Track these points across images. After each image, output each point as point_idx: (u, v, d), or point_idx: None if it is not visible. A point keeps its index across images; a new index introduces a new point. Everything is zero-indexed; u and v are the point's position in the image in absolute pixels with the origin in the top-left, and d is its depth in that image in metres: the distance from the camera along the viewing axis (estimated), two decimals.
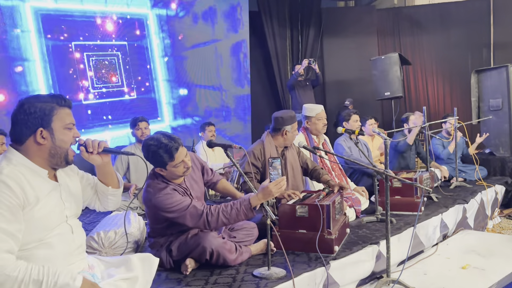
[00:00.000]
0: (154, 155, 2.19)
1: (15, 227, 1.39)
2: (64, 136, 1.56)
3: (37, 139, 1.51)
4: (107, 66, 5.43)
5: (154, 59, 6.02)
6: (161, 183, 2.27)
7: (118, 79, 5.51)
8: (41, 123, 1.51)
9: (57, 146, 1.54)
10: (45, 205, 1.49)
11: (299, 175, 3.25)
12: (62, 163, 1.58)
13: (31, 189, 1.46)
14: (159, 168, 2.25)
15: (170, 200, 2.19)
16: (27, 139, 1.52)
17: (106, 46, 5.41)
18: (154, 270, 1.70)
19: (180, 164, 2.23)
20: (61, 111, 1.56)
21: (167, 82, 6.18)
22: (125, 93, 5.57)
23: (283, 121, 3.12)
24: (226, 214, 2.17)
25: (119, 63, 5.55)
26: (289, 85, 6.66)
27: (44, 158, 1.54)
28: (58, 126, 1.54)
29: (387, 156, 3.09)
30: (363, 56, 7.83)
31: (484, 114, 5.70)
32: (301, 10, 8.05)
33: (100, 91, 5.31)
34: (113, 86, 5.46)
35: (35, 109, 1.51)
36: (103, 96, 5.33)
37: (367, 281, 2.70)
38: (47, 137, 1.52)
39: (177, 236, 2.36)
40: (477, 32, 8.18)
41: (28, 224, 1.44)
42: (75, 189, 1.70)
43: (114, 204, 1.86)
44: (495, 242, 3.51)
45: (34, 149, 1.52)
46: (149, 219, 2.43)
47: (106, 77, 5.40)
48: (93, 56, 5.26)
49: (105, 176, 1.78)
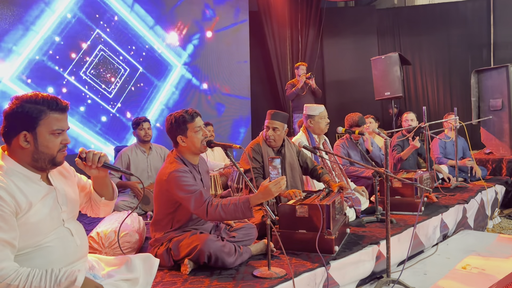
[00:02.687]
0: (176, 119, 2.37)
1: (11, 235, 1.38)
2: (49, 143, 1.49)
3: (20, 142, 1.46)
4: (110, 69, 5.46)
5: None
6: (180, 163, 2.38)
7: (113, 83, 5.52)
8: (26, 126, 1.46)
9: (39, 151, 1.49)
10: (39, 210, 1.47)
11: (298, 174, 3.25)
12: (47, 166, 1.53)
13: (22, 196, 1.43)
14: (180, 136, 2.38)
15: (185, 179, 2.28)
16: (12, 140, 1.48)
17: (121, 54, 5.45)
18: (154, 271, 1.70)
19: (200, 130, 2.39)
20: (50, 116, 1.49)
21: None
22: (112, 91, 5.58)
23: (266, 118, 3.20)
24: (225, 208, 2.20)
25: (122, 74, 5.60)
26: (289, 97, 6.59)
27: (29, 161, 1.50)
28: (43, 131, 1.48)
29: (387, 156, 3.09)
30: (363, 56, 7.83)
31: (484, 114, 5.70)
32: (301, 10, 8.05)
33: (89, 79, 5.31)
34: (104, 82, 5.48)
35: (22, 110, 1.45)
36: (88, 84, 5.32)
37: (367, 281, 2.70)
38: (30, 141, 1.47)
39: (177, 234, 2.37)
40: (477, 32, 8.18)
41: (22, 229, 1.42)
42: (72, 192, 1.67)
43: (105, 213, 1.85)
44: (495, 242, 3.51)
45: (19, 151, 1.48)
46: (156, 205, 2.46)
47: (103, 75, 5.41)
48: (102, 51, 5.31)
49: (101, 187, 1.76)
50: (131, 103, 5.77)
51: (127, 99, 5.72)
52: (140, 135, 4.09)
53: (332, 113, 3.73)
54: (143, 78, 5.90)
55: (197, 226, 2.45)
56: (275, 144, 3.19)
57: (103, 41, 5.42)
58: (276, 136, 3.15)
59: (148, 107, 5.98)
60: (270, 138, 3.15)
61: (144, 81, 5.92)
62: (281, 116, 3.17)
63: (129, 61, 5.72)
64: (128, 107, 5.73)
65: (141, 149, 4.12)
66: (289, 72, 8.06)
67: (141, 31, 5.86)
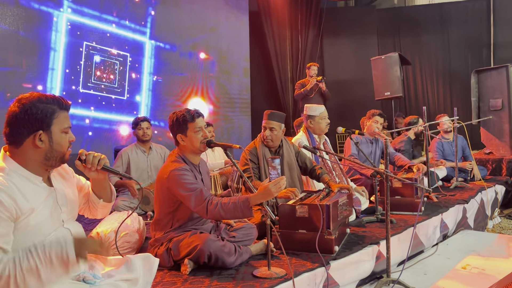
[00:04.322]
0: (178, 118, 2.40)
1: (4, 239, 1.36)
2: (61, 140, 1.54)
3: (35, 142, 1.48)
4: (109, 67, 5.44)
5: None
6: (181, 162, 2.40)
7: (114, 80, 5.51)
8: (41, 126, 1.48)
9: (54, 150, 1.52)
10: (40, 212, 1.47)
11: (297, 174, 3.25)
12: (56, 164, 1.56)
13: (24, 199, 1.42)
14: (180, 135, 2.40)
15: (186, 177, 2.30)
16: (24, 141, 1.48)
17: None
18: (154, 271, 1.70)
19: (200, 130, 2.41)
20: (61, 114, 1.54)
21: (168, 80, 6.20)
22: (117, 93, 5.59)
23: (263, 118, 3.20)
24: (225, 207, 2.20)
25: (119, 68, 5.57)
26: (296, 97, 6.61)
27: (39, 161, 1.51)
28: (56, 130, 1.52)
29: (387, 156, 3.09)
30: (363, 56, 7.83)
31: (484, 114, 5.71)
32: (301, 10, 8.05)
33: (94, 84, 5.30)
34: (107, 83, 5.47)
35: (37, 110, 1.47)
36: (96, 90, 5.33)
37: (367, 281, 2.70)
38: (45, 140, 1.49)
39: (177, 234, 2.37)
40: (477, 32, 8.19)
41: (23, 231, 1.42)
42: (71, 193, 1.68)
43: (102, 214, 1.85)
44: (495, 242, 3.51)
45: (30, 152, 1.49)
46: (156, 204, 2.46)
47: (104, 76, 5.40)
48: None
49: (99, 189, 1.76)
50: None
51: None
52: (138, 135, 4.10)
53: (332, 113, 3.73)
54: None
55: (197, 226, 2.45)
56: (273, 144, 3.19)
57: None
58: (274, 136, 3.16)
59: None
60: (267, 138, 3.16)
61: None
62: (278, 116, 3.18)
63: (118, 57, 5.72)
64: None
65: (141, 149, 4.12)
66: (289, 72, 8.06)
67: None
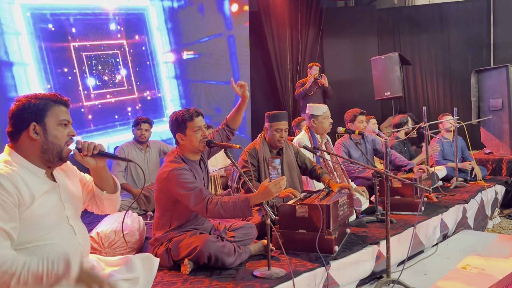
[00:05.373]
0: (177, 117, 2.41)
1: (10, 225, 1.40)
2: (57, 132, 1.57)
3: (30, 134, 1.52)
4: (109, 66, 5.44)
5: (156, 56, 6.03)
6: (180, 161, 2.40)
7: (121, 79, 5.51)
8: (34, 118, 1.53)
9: (49, 142, 1.55)
10: (42, 204, 1.50)
11: (296, 174, 3.25)
12: (55, 159, 1.58)
13: (26, 187, 1.46)
14: (179, 134, 2.41)
15: (185, 176, 2.30)
16: (21, 135, 1.54)
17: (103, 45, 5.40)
18: (155, 271, 1.71)
19: (199, 130, 2.40)
20: (56, 108, 1.58)
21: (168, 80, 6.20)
22: (128, 93, 5.57)
23: (265, 119, 3.23)
24: (224, 206, 2.20)
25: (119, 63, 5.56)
26: (297, 97, 6.61)
27: (37, 154, 1.55)
28: (51, 122, 1.56)
29: (387, 156, 3.09)
30: (363, 56, 7.83)
31: (484, 114, 5.70)
32: (301, 10, 8.05)
33: (102, 91, 5.30)
34: (116, 85, 5.47)
35: (29, 104, 1.54)
36: (106, 97, 5.33)
37: (367, 281, 2.70)
38: (40, 132, 1.54)
39: (176, 234, 2.37)
40: (477, 32, 8.18)
41: (27, 222, 1.45)
42: (75, 190, 1.70)
43: (111, 208, 1.85)
44: (495, 242, 3.52)
45: (27, 145, 1.54)
46: (156, 203, 2.47)
47: (108, 78, 5.40)
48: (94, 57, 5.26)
49: (100, 180, 1.77)
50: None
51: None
52: (136, 135, 4.20)
53: (332, 113, 3.72)
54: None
55: (197, 226, 2.46)
56: (281, 145, 3.22)
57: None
58: (285, 136, 3.20)
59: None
60: (282, 139, 3.18)
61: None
62: (286, 115, 3.24)
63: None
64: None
65: (138, 146, 4.22)
66: (289, 72, 8.06)
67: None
